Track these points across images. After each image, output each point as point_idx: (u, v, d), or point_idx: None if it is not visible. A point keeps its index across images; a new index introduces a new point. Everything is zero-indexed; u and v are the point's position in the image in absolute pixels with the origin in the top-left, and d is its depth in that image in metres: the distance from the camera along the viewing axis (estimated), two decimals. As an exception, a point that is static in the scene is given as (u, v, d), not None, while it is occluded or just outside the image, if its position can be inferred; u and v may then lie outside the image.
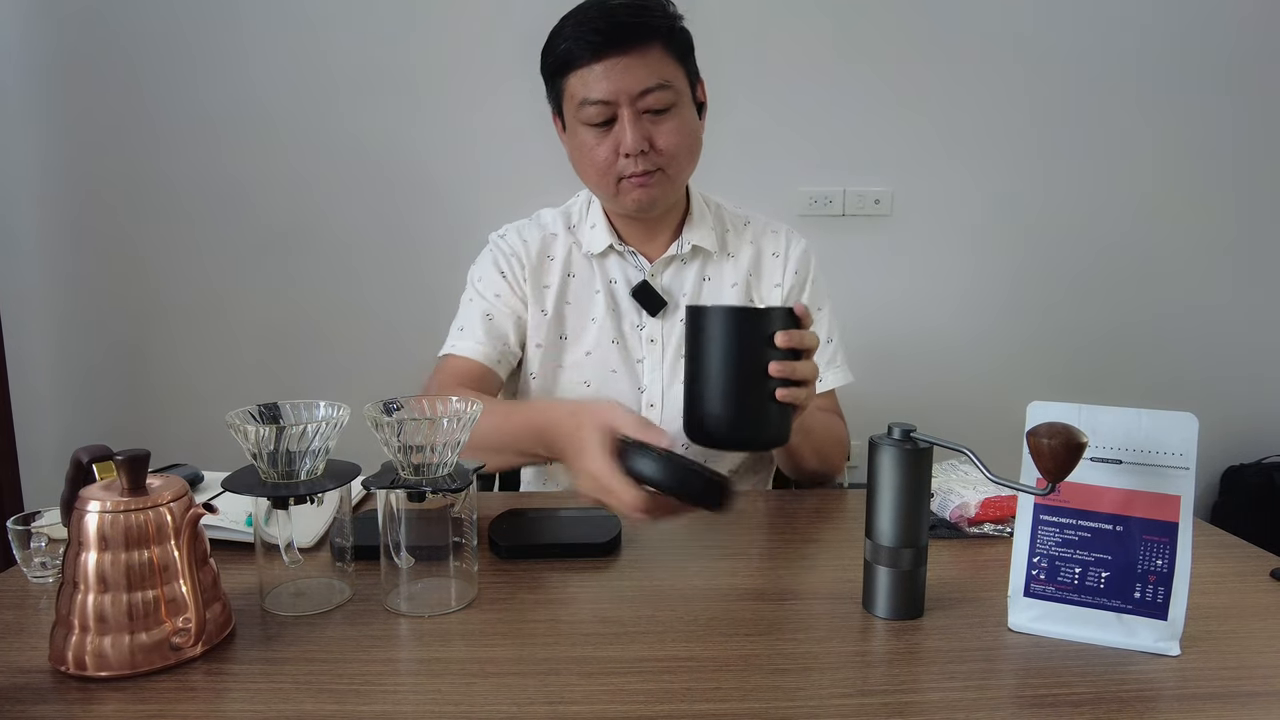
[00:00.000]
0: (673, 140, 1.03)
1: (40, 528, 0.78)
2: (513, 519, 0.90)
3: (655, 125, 1.03)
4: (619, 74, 0.99)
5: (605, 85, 1.00)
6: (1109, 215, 2.27)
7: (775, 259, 1.19)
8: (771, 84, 2.17)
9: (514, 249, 1.17)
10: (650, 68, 1.00)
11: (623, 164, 1.03)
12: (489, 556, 0.83)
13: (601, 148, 1.04)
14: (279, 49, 2.10)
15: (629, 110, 1.01)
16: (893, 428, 0.70)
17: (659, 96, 1.01)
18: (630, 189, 1.06)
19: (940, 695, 0.59)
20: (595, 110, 1.01)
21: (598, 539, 0.84)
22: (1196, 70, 2.21)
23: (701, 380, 0.80)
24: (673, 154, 1.04)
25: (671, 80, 1.02)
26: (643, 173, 1.04)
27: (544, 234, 1.18)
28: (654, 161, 1.04)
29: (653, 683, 0.60)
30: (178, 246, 2.17)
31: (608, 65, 0.99)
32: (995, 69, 2.19)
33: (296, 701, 0.58)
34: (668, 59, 1.02)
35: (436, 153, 2.16)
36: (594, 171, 1.06)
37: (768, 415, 0.80)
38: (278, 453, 0.68)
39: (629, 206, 1.08)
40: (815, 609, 0.73)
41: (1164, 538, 0.65)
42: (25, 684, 0.60)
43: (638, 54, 0.99)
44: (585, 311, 1.16)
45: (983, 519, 0.88)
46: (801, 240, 1.21)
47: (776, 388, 0.79)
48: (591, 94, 1.00)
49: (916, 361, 2.28)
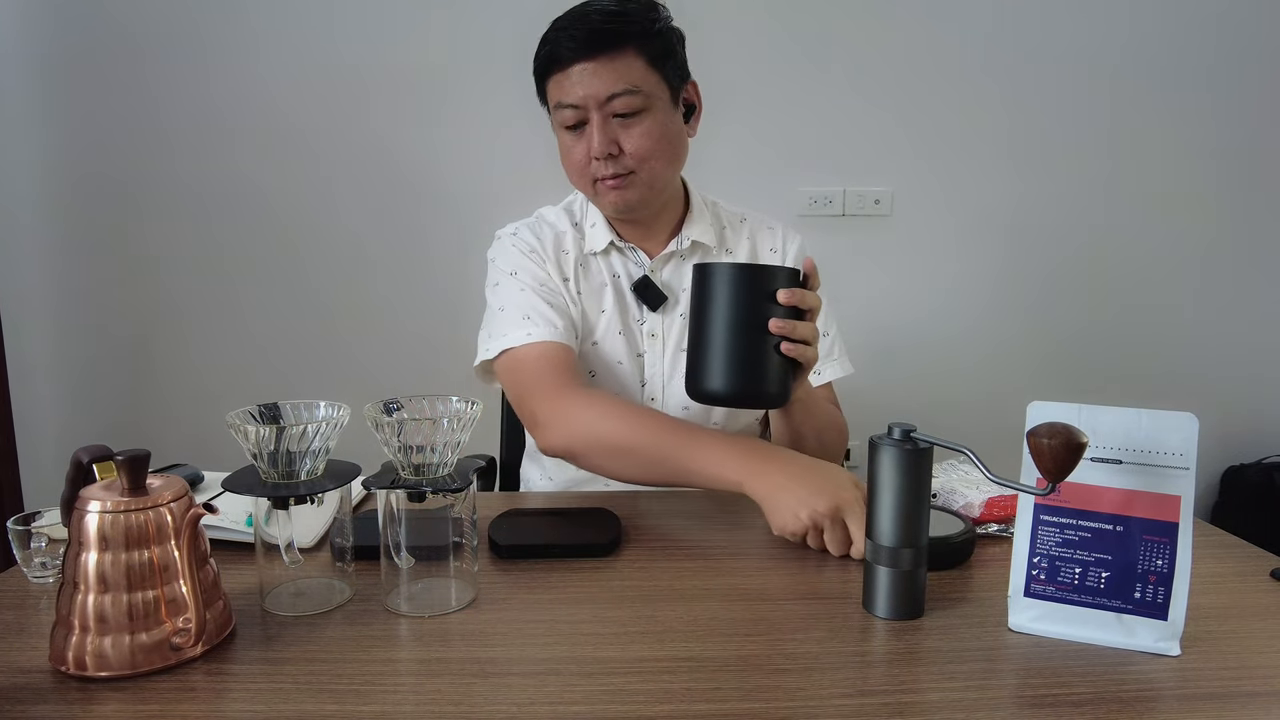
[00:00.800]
0: (641, 144, 1.04)
1: (40, 528, 0.78)
2: (512, 519, 0.90)
3: (624, 129, 1.04)
4: (588, 79, 1.02)
5: (576, 90, 1.02)
6: (1109, 215, 2.27)
7: (773, 254, 1.21)
8: (772, 84, 2.17)
9: (532, 244, 1.17)
10: (619, 73, 1.01)
11: (595, 166, 1.06)
12: (489, 556, 0.84)
13: (576, 150, 1.07)
14: (281, 48, 2.10)
15: (597, 115, 1.03)
16: (893, 428, 0.70)
17: (626, 101, 1.02)
18: (606, 191, 1.08)
19: (940, 695, 0.59)
20: (569, 114, 1.04)
21: (598, 539, 0.84)
22: (1197, 70, 2.21)
23: (705, 336, 0.83)
24: (642, 157, 1.05)
25: (641, 85, 1.02)
26: (613, 176, 1.06)
27: (555, 231, 1.19)
28: (624, 165, 1.05)
29: (653, 683, 0.60)
30: (178, 246, 2.17)
31: (580, 70, 1.02)
32: (995, 69, 2.19)
33: (296, 701, 0.58)
34: (639, 64, 1.03)
35: (439, 153, 2.16)
36: (573, 173, 1.10)
37: (768, 371, 0.82)
38: (278, 453, 0.68)
39: (606, 209, 1.12)
40: (815, 609, 0.73)
41: (1164, 538, 0.65)
42: (25, 684, 0.60)
43: (607, 59, 1.01)
44: (597, 303, 1.16)
45: (987, 519, 0.88)
46: (797, 236, 1.23)
47: (779, 344, 0.82)
48: (564, 98, 1.03)
49: (916, 361, 2.28)
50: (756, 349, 0.82)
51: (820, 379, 1.18)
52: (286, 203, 2.16)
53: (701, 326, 0.84)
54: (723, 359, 0.82)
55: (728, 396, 0.86)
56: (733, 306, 0.82)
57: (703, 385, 0.84)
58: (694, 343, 0.85)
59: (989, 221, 2.26)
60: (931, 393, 2.27)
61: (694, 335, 0.85)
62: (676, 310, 1.16)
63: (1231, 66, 2.22)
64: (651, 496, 1.01)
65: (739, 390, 0.84)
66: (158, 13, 2.08)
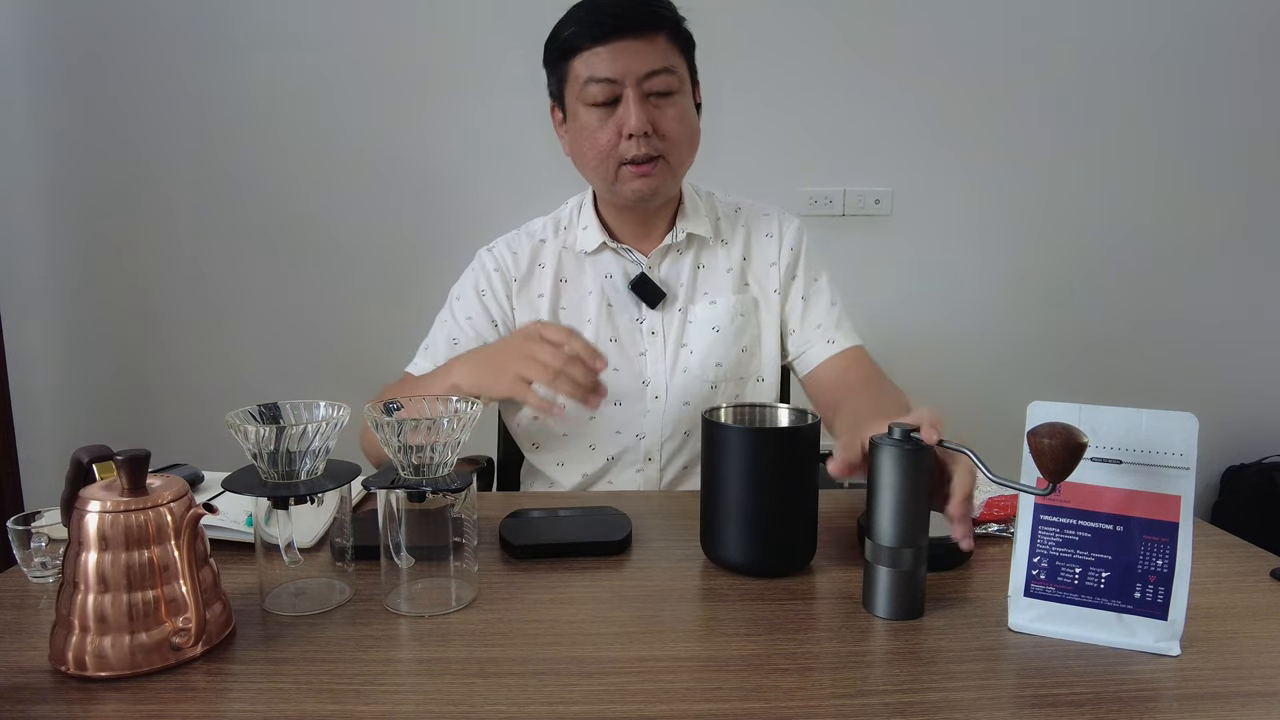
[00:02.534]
0: (676, 127, 1.04)
1: (40, 528, 0.78)
2: (522, 519, 0.90)
3: (659, 110, 1.04)
4: (627, 55, 1.01)
5: (612, 65, 1.01)
6: (1109, 215, 2.27)
7: (769, 239, 1.19)
8: (772, 84, 2.16)
9: (501, 264, 1.18)
10: (657, 52, 1.02)
11: (625, 146, 1.03)
12: (491, 555, 0.84)
13: (604, 130, 1.04)
14: (282, 47, 2.10)
15: (634, 90, 1.02)
16: (893, 428, 0.70)
17: (665, 80, 1.02)
18: (630, 178, 1.06)
19: (940, 695, 0.59)
20: (600, 89, 1.02)
21: (610, 537, 0.84)
22: (1198, 70, 2.21)
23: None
24: (675, 140, 1.05)
25: (676, 68, 1.04)
26: (645, 159, 1.04)
27: (533, 242, 1.19)
28: (656, 147, 1.04)
29: (652, 683, 0.60)
30: (178, 246, 2.17)
31: (615, 48, 1.01)
32: (995, 68, 2.19)
33: (296, 701, 0.58)
34: (673, 49, 1.04)
35: (439, 152, 2.16)
36: (595, 155, 1.06)
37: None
38: (278, 453, 0.68)
39: (628, 196, 1.08)
40: (815, 609, 0.73)
41: (1164, 538, 0.65)
42: (25, 684, 0.60)
43: (646, 39, 1.01)
44: (580, 314, 1.16)
45: (987, 519, 0.88)
46: (794, 219, 1.22)
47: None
48: (597, 73, 1.02)
49: (916, 361, 2.27)
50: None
51: (835, 347, 1.15)
52: (287, 202, 2.16)
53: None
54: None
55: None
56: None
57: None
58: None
59: (989, 221, 2.25)
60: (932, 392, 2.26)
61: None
62: (675, 306, 1.16)
63: (1232, 66, 2.21)
64: (653, 497, 1.01)
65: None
66: (158, 13, 2.07)
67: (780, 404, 0.86)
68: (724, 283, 1.17)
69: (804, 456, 0.78)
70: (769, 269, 1.18)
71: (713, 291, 1.16)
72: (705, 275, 1.17)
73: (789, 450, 0.78)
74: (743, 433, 0.79)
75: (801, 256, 1.20)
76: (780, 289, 1.18)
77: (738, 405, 0.86)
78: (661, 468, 1.16)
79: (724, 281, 1.17)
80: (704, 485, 0.81)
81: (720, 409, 0.84)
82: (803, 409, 0.84)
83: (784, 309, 1.19)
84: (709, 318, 1.15)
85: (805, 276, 1.19)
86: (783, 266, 1.18)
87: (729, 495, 0.78)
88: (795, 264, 1.19)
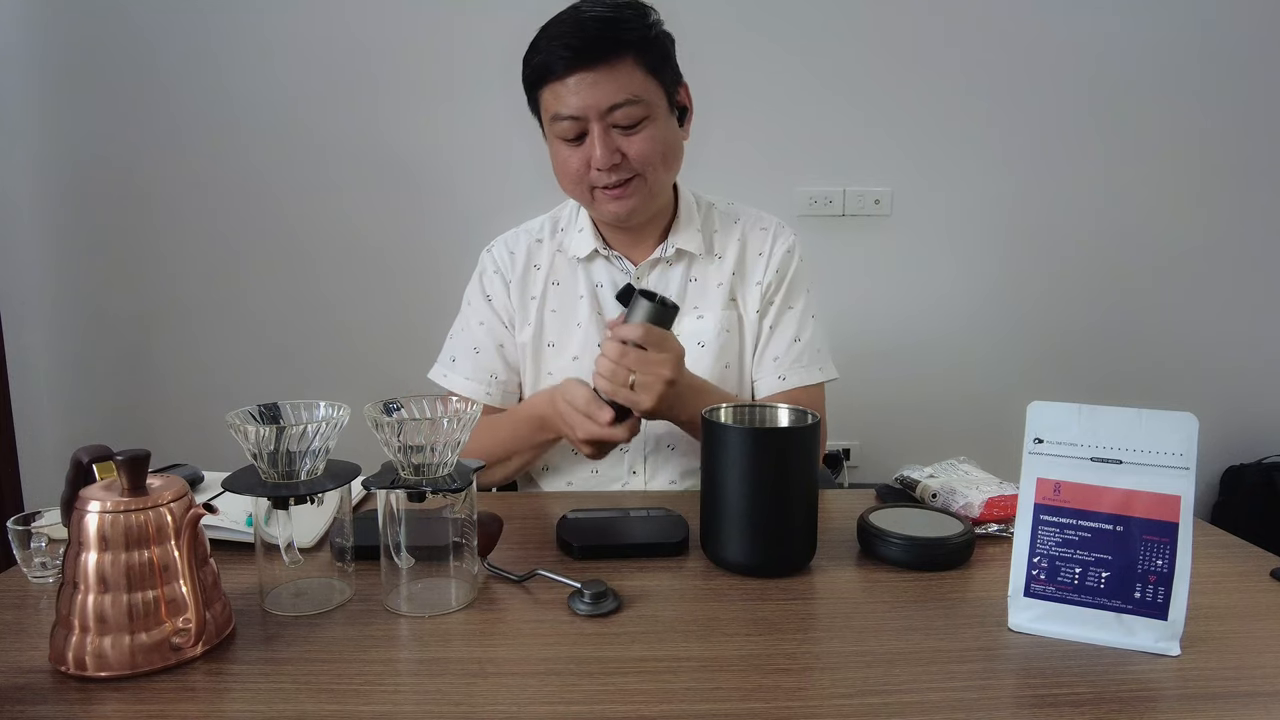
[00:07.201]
0: (644, 149, 1.03)
1: (40, 528, 0.78)
2: (577, 521, 0.89)
3: (626, 138, 1.03)
4: (588, 89, 0.99)
5: (575, 100, 1.00)
6: (1109, 215, 2.27)
7: (760, 258, 1.18)
8: (771, 84, 2.16)
9: (499, 264, 1.19)
10: (619, 83, 0.99)
11: (595, 176, 1.04)
12: (557, 554, 0.84)
13: (574, 159, 1.04)
14: (284, 46, 2.10)
15: (598, 125, 1.01)
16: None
17: (628, 112, 1.00)
18: (605, 200, 1.06)
19: (940, 695, 0.59)
20: (567, 125, 1.02)
21: (670, 538, 0.84)
22: (1197, 70, 2.21)
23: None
24: (648, 161, 1.04)
25: (642, 94, 1.01)
26: (616, 184, 1.04)
27: (530, 241, 1.19)
28: (628, 170, 1.04)
29: (652, 683, 0.60)
30: (178, 246, 2.17)
31: (578, 80, 0.99)
32: (995, 69, 2.19)
33: (296, 701, 0.58)
34: (638, 72, 1.01)
35: (440, 152, 2.16)
36: (569, 181, 1.08)
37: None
38: (278, 453, 0.68)
39: (606, 216, 1.10)
40: (816, 609, 0.73)
41: (1164, 538, 0.65)
42: (25, 684, 0.60)
43: (606, 69, 0.99)
44: (570, 318, 1.16)
45: (987, 518, 0.88)
46: (789, 237, 1.19)
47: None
48: (562, 109, 1.01)
49: (916, 361, 2.28)
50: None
51: (785, 384, 1.14)
52: (288, 202, 2.16)
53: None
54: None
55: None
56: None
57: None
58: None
59: (989, 221, 2.25)
60: (931, 392, 2.27)
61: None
62: None
63: (1230, 66, 2.21)
64: (655, 498, 1.01)
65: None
66: (158, 12, 2.07)
67: (780, 404, 0.86)
68: (715, 297, 1.16)
69: (804, 456, 0.78)
70: (754, 288, 1.17)
71: (702, 306, 1.16)
72: (697, 289, 1.16)
73: (789, 450, 0.77)
74: (743, 433, 0.79)
75: (785, 281, 1.17)
76: (760, 310, 1.17)
77: (738, 405, 0.86)
78: (646, 481, 1.15)
79: (715, 296, 1.16)
80: (704, 485, 0.81)
81: (720, 409, 0.84)
82: (803, 409, 0.84)
83: (758, 331, 1.17)
84: (695, 332, 1.14)
85: (781, 304, 1.17)
86: (764, 288, 1.17)
87: (729, 495, 0.78)
88: (776, 288, 1.17)
